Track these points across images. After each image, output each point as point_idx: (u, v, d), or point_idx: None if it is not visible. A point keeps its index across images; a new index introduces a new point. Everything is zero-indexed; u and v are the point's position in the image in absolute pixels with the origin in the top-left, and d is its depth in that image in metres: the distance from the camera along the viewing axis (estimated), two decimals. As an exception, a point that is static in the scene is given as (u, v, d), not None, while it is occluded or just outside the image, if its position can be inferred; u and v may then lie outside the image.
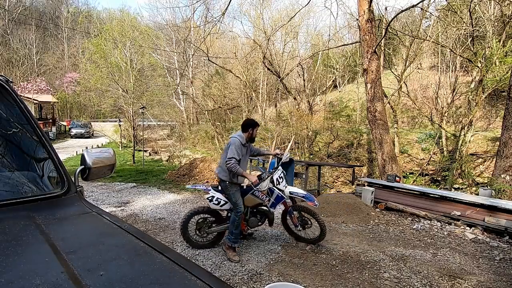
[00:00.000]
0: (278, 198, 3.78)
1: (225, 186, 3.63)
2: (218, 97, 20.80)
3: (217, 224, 3.87)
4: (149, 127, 24.25)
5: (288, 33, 20.02)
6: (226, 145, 3.64)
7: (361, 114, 16.52)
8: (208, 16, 18.49)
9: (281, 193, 3.77)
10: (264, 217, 3.94)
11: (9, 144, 1.58)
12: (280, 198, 3.78)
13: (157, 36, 26.10)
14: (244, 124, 3.70)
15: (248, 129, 3.64)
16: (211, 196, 3.75)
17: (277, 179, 3.76)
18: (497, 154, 7.28)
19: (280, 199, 3.79)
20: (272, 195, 3.77)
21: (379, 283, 3.20)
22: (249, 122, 3.70)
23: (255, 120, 3.81)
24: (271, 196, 3.77)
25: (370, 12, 8.18)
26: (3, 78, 1.58)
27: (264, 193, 3.74)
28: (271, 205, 3.82)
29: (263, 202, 3.80)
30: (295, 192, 3.87)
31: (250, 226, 3.89)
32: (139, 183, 9.06)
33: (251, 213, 3.88)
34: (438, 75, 14.98)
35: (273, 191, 3.76)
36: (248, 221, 3.85)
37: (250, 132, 3.65)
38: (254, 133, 3.70)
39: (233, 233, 3.61)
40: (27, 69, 36.42)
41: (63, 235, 1.11)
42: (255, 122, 3.72)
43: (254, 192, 3.73)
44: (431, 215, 5.57)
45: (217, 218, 3.89)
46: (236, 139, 3.54)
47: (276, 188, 3.77)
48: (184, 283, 0.89)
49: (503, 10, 11.86)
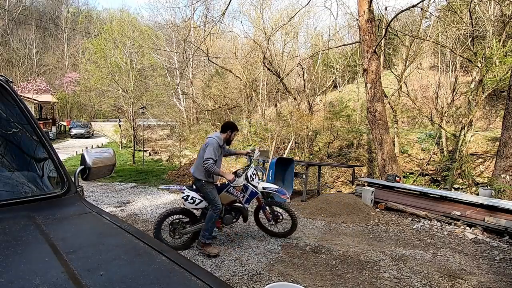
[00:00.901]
0: (252, 194, 3.90)
1: (201, 185, 3.66)
2: (218, 97, 20.81)
3: (191, 224, 3.84)
4: (149, 127, 24.25)
5: (288, 33, 20.01)
6: (203, 144, 3.65)
7: (361, 114, 16.51)
8: (208, 16, 18.53)
9: (255, 189, 3.90)
10: (238, 213, 4.00)
11: (9, 144, 1.58)
12: (254, 194, 3.91)
13: (157, 36, 26.10)
14: (224, 126, 3.76)
15: (227, 130, 3.71)
16: (186, 195, 3.77)
17: (250, 176, 3.92)
18: (497, 154, 7.28)
19: (254, 195, 3.92)
20: (246, 191, 3.88)
21: (379, 283, 3.20)
22: (229, 124, 3.78)
23: (236, 124, 3.88)
24: (246, 193, 3.88)
25: (370, 12, 8.18)
26: (3, 78, 1.58)
27: (239, 190, 3.83)
28: (246, 201, 3.92)
29: (238, 199, 3.87)
30: (268, 187, 4.11)
31: (225, 223, 3.92)
32: (139, 183, 9.06)
33: (225, 210, 3.92)
34: (438, 75, 14.98)
35: (247, 188, 3.88)
36: (223, 218, 3.88)
37: (229, 134, 3.72)
38: (232, 136, 3.78)
39: (208, 230, 3.67)
40: (27, 69, 36.43)
41: (63, 235, 1.11)
42: (235, 126, 3.80)
43: (229, 189, 3.81)
44: (431, 215, 5.57)
45: (191, 218, 3.87)
46: (214, 140, 3.58)
47: (250, 185, 3.89)
48: (184, 283, 0.89)
49: (503, 10, 11.86)
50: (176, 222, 3.80)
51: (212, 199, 3.67)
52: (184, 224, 3.82)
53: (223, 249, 3.98)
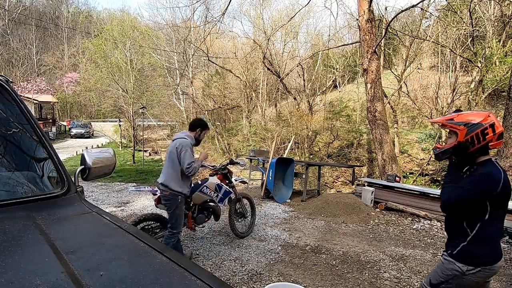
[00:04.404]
0: (226, 193, 3.93)
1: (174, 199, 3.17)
2: (218, 97, 20.80)
3: (162, 228, 3.67)
4: (149, 127, 24.25)
5: (288, 33, 20.02)
6: (174, 148, 3.14)
7: (361, 114, 16.51)
8: (208, 16, 18.49)
9: (228, 189, 3.96)
10: (211, 213, 3.99)
11: (9, 144, 1.58)
12: (228, 193, 3.95)
13: (157, 36, 26.08)
14: (193, 124, 3.37)
15: (196, 129, 3.31)
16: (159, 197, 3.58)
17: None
18: (497, 154, 7.28)
19: (228, 194, 3.96)
20: (220, 190, 3.90)
21: (379, 283, 3.20)
22: (199, 122, 3.40)
23: (206, 122, 3.53)
24: (219, 192, 3.89)
25: (370, 12, 8.18)
26: (3, 78, 1.58)
27: (212, 189, 3.82)
28: (219, 200, 3.92)
29: (211, 198, 3.85)
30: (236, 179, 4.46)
31: (197, 223, 3.87)
32: (139, 183, 9.06)
33: (198, 210, 3.87)
34: (438, 75, 14.98)
35: (221, 187, 3.90)
36: (195, 218, 3.82)
37: (198, 132, 3.32)
38: (202, 136, 3.38)
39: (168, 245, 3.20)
40: (27, 69, 36.45)
41: (63, 235, 1.11)
42: (206, 124, 3.43)
43: (202, 189, 3.78)
44: (431, 215, 5.57)
45: (161, 222, 3.68)
46: (187, 140, 3.17)
47: (223, 184, 3.94)
48: (184, 283, 0.89)
49: (503, 10, 11.87)
50: (146, 228, 3.54)
51: (176, 220, 3.23)
52: (155, 229, 3.60)
53: (223, 249, 3.98)
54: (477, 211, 1.74)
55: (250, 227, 4.59)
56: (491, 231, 1.76)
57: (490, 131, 1.72)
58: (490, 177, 1.70)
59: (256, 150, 9.80)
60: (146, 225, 3.59)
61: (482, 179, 1.71)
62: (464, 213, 1.78)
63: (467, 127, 1.77)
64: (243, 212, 4.44)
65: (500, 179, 1.69)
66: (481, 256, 1.74)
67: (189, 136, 3.24)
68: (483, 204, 1.72)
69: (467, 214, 1.77)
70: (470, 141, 1.76)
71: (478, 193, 1.70)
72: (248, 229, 4.54)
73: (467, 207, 1.75)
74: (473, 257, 1.75)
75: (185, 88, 24.88)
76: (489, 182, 1.69)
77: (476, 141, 1.75)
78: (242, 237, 4.38)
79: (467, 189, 1.72)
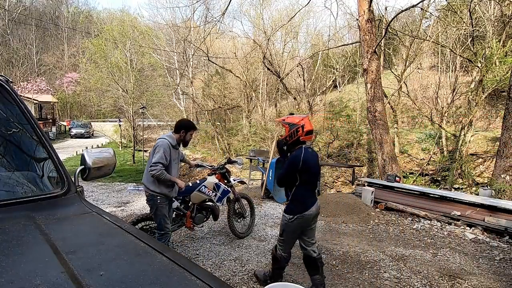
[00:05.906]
0: (224, 192, 3.92)
1: (152, 198, 3.10)
2: (218, 97, 20.77)
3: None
4: (149, 127, 24.25)
5: (288, 33, 20.01)
6: (153, 148, 3.11)
7: (361, 114, 16.50)
8: (208, 16, 18.53)
9: (227, 188, 3.95)
10: (209, 212, 3.99)
11: (9, 144, 1.58)
12: (226, 192, 3.94)
13: (157, 36, 26.08)
14: (177, 125, 3.24)
15: (179, 131, 3.18)
16: None
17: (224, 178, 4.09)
18: (497, 154, 7.27)
19: (226, 193, 3.94)
20: (219, 190, 3.88)
21: (379, 283, 3.20)
22: (183, 124, 3.25)
23: (192, 122, 3.40)
24: (218, 191, 3.88)
25: (370, 12, 8.17)
26: (3, 78, 1.58)
27: (211, 189, 3.81)
28: (218, 200, 3.90)
29: (210, 197, 3.84)
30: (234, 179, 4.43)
31: (196, 223, 3.87)
32: (139, 183, 9.06)
33: (197, 209, 3.87)
34: (438, 75, 14.97)
35: (219, 186, 3.88)
36: (194, 218, 3.83)
37: (183, 134, 3.18)
38: (188, 137, 3.23)
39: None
40: (27, 69, 36.43)
41: (63, 235, 1.11)
42: (191, 125, 3.27)
43: (201, 188, 3.76)
44: (431, 215, 5.57)
45: None
46: (165, 140, 3.06)
47: (222, 183, 3.93)
48: (184, 283, 0.89)
49: (503, 10, 11.86)
50: (145, 229, 3.52)
51: (159, 221, 3.13)
52: (153, 229, 3.52)
53: (223, 249, 3.98)
54: (292, 181, 2.67)
55: (250, 227, 4.58)
56: (301, 193, 2.68)
57: (300, 130, 2.65)
58: (295, 157, 2.61)
59: (256, 150, 9.80)
60: (144, 225, 3.59)
61: (291, 159, 2.66)
62: (287, 184, 2.74)
63: (289, 126, 2.72)
64: (242, 212, 4.43)
65: (300, 158, 2.57)
66: (294, 209, 2.67)
67: (170, 137, 3.15)
68: (294, 176, 2.64)
69: (288, 183, 2.73)
70: (290, 135, 2.71)
71: (289, 168, 2.64)
72: (248, 229, 4.54)
73: (288, 180, 2.70)
74: (290, 210, 2.69)
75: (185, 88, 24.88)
76: (294, 160, 2.61)
77: (294, 136, 2.69)
78: (242, 237, 4.37)
79: (285, 167, 2.69)
